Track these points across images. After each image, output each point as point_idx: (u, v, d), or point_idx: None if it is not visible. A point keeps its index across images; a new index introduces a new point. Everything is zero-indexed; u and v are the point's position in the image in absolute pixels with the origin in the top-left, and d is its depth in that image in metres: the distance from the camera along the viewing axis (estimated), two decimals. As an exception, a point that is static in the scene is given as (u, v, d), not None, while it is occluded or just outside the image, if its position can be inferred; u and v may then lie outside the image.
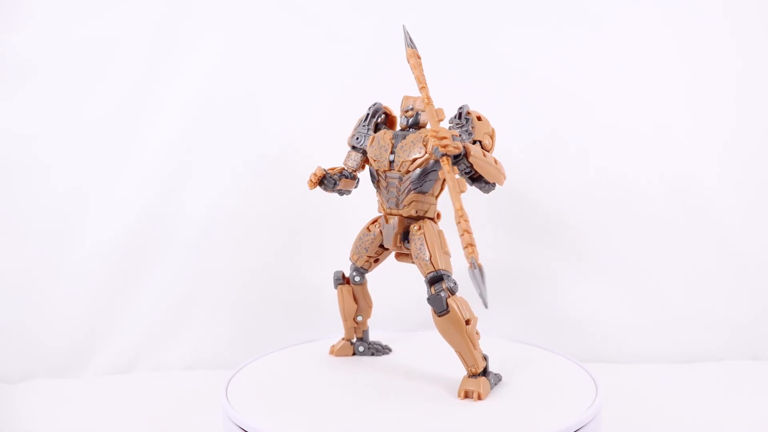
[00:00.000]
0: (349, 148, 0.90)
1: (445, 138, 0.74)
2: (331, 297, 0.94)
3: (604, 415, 0.77)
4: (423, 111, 0.84)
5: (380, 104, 0.89)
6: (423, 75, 0.81)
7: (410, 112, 0.84)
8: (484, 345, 0.79)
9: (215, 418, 0.82)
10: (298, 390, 0.81)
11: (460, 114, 0.83)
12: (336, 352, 0.92)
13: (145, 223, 1.24)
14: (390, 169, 0.83)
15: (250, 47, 1.23)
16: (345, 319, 0.92)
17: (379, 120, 0.89)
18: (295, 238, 1.25)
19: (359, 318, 0.92)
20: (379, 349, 0.93)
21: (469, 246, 0.70)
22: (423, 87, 0.80)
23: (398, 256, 0.88)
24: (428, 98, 0.79)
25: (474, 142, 0.82)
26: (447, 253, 0.82)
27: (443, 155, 0.74)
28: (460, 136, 0.78)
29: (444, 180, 0.81)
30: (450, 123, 0.84)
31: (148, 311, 1.25)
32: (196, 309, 1.26)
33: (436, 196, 0.85)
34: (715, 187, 1.23)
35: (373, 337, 0.96)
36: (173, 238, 1.25)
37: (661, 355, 1.23)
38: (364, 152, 0.88)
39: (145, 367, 1.25)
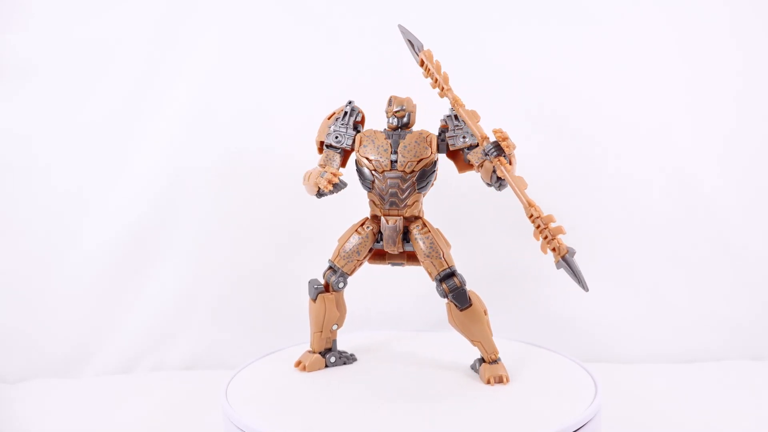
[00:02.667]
0: (323, 149, 0.86)
1: (507, 138, 0.76)
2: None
3: (604, 415, 0.77)
4: (413, 111, 0.84)
5: (354, 102, 0.87)
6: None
7: (401, 113, 0.83)
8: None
9: (215, 419, 0.82)
10: (297, 390, 0.81)
11: (455, 117, 0.84)
12: (309, 367, 0.85)
13: (145, 223, 1.24)
14: (391, 170, 0.82)
15: (249, 47, 1.23)
16: (321, 330, 0.86)
17: (357, 119, 0.86)
18: (295, 239, 1.25)
19: (334, 327, 0.87)
20: (349, 357, 0.89)
21: (555, 238, 0.72)
22: (449, 89, 0.81)
23: (373, 258, 0.87)
24: (458, 99, 0.81)
25: (477, 144, 0.83)
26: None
27: (498, 155, 0.76)
28: None
29: (433, 180, 0.84)
30: (443, 124, 0.85)
31: (148, 311, 1.25)
32: (196, 309, 1.26)
33: (423, 196, 0.85)
34: (715, 187, 1.23)
35: (367, 338, 0.96)
36: (173, 238, 1.25)
37: (661, 355, 1.23)
38: (342, 151, 0.85)
39: (145, 367, 1.25)
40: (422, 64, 0.83)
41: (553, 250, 0.71)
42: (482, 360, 0.83)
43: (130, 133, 1.23)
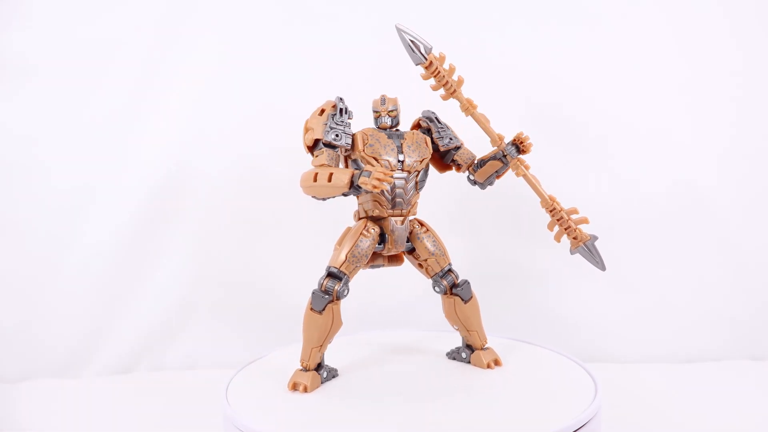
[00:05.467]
0: (318, 146, 0.80)
1: (527, 139, 0.82)
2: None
3: (604, 414, 0.77)
4: (400, 112, 0.85)
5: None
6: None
7: (395, 112, 0.83)
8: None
9: (215, 418, 0.82)
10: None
11: (437, 119, 0.86)
12: (310, 387, 0.79)
13: (145, 224, 1.24)
14: (398, 170, 0.81)
15: (249, 47, 1.23)
16: (321, 345, 0.79)
17: (350, 118, 0.83)
18: (296, 239, 1.25)
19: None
20: (335, 372, 0.84)
21: (576, 228, 0.81)
22: (460, 92, 0.82)
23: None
24: (472, 102, 0.82)
25: (461, 146, 0.86)
26: None
27: (518, 155, 0.82)
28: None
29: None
30: (425, 125, 0.86)
31: (149, 311, 1.25)
32: (196, 309, 1.26)
33: None
34: (714, 188, 1.23)
35: (380, 337, 0.97)
36: (173, 238, 1.25)
37: (661, 355, 1.23)
38: (338, 150, 0.81)
39: (145, 367, 1.25)
40: (429, 65, 0.81)
41: (575, 238, 0.81)
42: (470, 348, 0.86)
43: (131, 133, 1.23)
